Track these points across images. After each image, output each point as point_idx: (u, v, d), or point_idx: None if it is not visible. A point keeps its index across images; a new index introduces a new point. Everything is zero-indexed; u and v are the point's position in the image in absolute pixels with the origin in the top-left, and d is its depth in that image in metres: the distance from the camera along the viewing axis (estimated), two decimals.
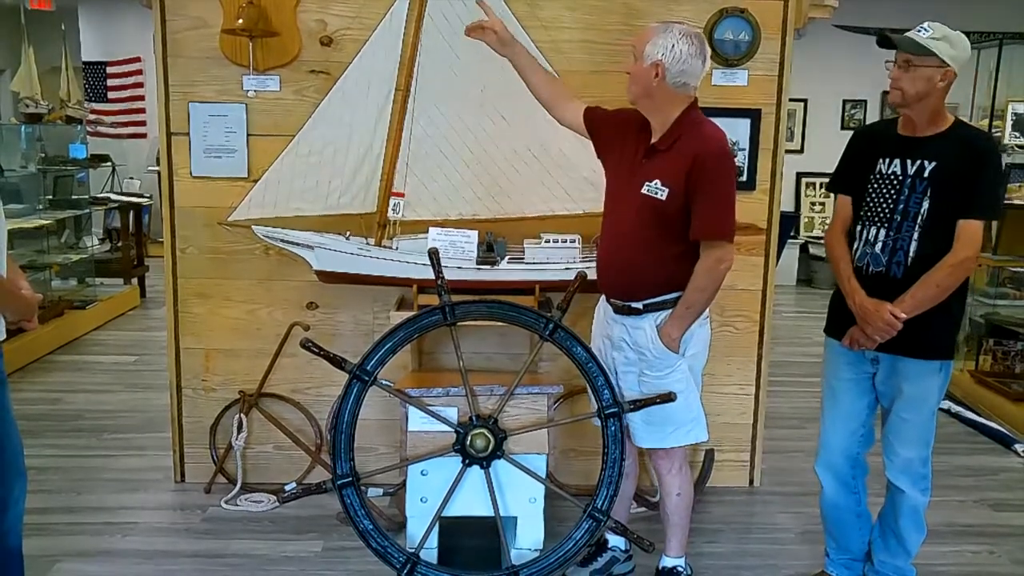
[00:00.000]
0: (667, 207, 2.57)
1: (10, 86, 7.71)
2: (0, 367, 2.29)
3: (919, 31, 2.52)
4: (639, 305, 2.68)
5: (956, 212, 2.50)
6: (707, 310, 2.72)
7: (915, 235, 2.56)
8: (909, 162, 2.59)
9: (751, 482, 3.82)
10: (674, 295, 2.64)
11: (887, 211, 2.61)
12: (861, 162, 2.72)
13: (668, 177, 2.56)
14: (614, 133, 2.78)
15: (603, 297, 2.85)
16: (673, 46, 2.53)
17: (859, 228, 2.70)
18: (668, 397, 2.65)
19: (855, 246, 2.70)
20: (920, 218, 2.55)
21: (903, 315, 2.53)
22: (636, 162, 2.66)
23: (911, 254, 2.56)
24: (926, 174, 2.55)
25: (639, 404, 2.68)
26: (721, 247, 2.58)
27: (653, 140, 2.64)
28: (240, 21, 3.21)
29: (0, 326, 2.28)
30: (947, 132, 2.57)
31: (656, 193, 2.57)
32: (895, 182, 2.61)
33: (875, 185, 2.66)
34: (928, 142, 2.57)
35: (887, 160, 2.64)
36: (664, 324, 2.66)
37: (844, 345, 2.73)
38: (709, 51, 2.62)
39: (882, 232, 2.62)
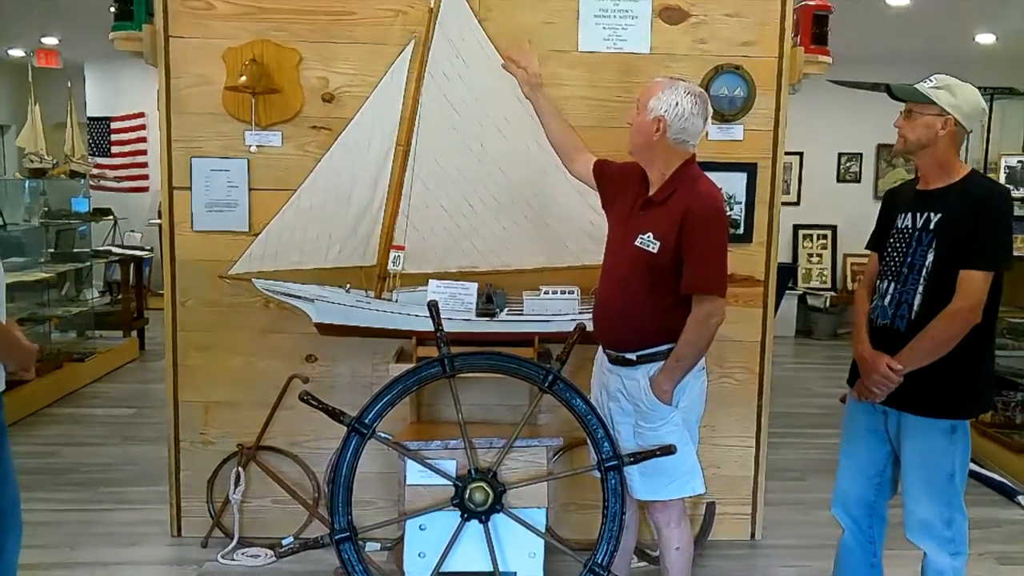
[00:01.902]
0: (659, 260, 2.59)
1: (16, 142, 7.80)
2: (1, 417, 2.29)
3: (925, 81, 2.56)
4: (632, 356, 2.69)
5: (959, 263, 2.48)
6: (703, 362, 2.73)
7: (920, 288, 2.54)
8: (919, 215, 2.59)
9: (752, 535, 3.78)
10: (667, 347, 2.64)
11: (897, 265, 2.62)
12: (885, 219, 2.76)
13: (660, 230, 2.59)
14: (618, 185, 2.83)
15: (601, 347, 2.86)
16: (677, 103, 2.58)
17: (877, 282, 2.72)
18: (668, 449, 2.65)
19: (873, 299, 2.72)
20: (925, 271, 2.53)
21: (899, 366, 2.52)
22: (633, 213, 2.70)
23: (915, 307, 2.54)
24: (932, 226, 2.54)
25: (639, 457, 2.67)
26: (711, 301, 2.59)
27: (650, 192, 2.68)
28: (243, 78, 3.27)
29: (0, 376, 2.29)
30: (957, 183, 2.55)
31: (648, 246, 2.60)
32: (906, 236, 2.61)
33: (892, 240, 2.68)
34: (938, 194, 2.56)
35: (903, 215, 2.65)
36: (655, 376, 2.66)
37: (853, 396, 2.73)
38: (711, 111, 2.68)
39: (892, 285, 2.63)
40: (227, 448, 3.60)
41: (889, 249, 2.68)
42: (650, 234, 2.61)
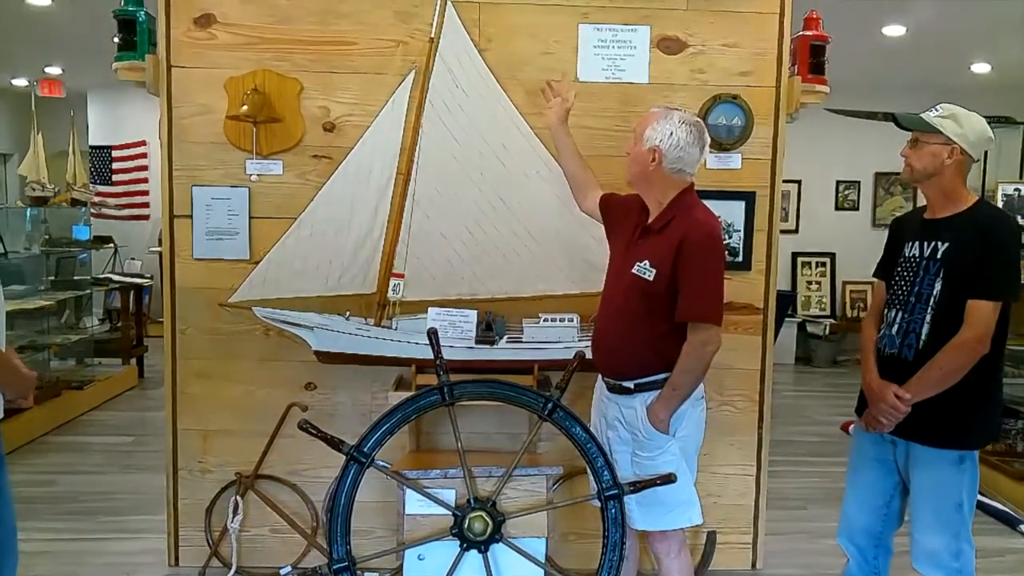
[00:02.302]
0: (655, 287, 2.60)
1: (18, 170, 7.83)
2: None
3: (931, 110, 2.57)
4: (630, 384, 2.69)
5: (967, 293, 2.46)
6: (701, 390, 2.73)
7: (927, 317, 2.53)
8: (926, 244, 2.59)
9: (753, 564, 3.75)
10: (664, 376, 2.64)
11: (904, 294, 2.61)
12: (892, 247, 2.76)
13: (657, 258, 2.60)
14: (619, 215, 2.86)
15: (600, 375, 2.86)
16: (672, 133, 2.60)
17: (885, 311, 2.71)
18: (669, 478, 2.63)
19: (880, 328, 2.72)
20: (932, 300, 2.52)
21: (907, 396, 2.51)
22: (632, 241, 2.72)
23: (923, 337, 2.54)
24: (939, 255, 2.53)
25: (639, 486, 2.66)
26: (706, 329, 2.59)
27: (649, 220, 2.69)
28: (244, 108, 3.29)
29: None
30: (964, 212, 2.54)
31: (644, 273, 2.61)
32: (914, 265, 2.61)
33: (899, 269, 2.67)
34: (945, 223, 2.56)
35: (910, 243, 2.65)
36: (651, 405, 2.65)
37: (860, 427, 2.72)
38: (708, 140, 2.70)
39: (899, 315, 2.62)
40: (225, 477, 3.58)
41: (897, 278, 2.67)
42: (647, 262, 2.62)
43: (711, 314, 2.60)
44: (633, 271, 2.64)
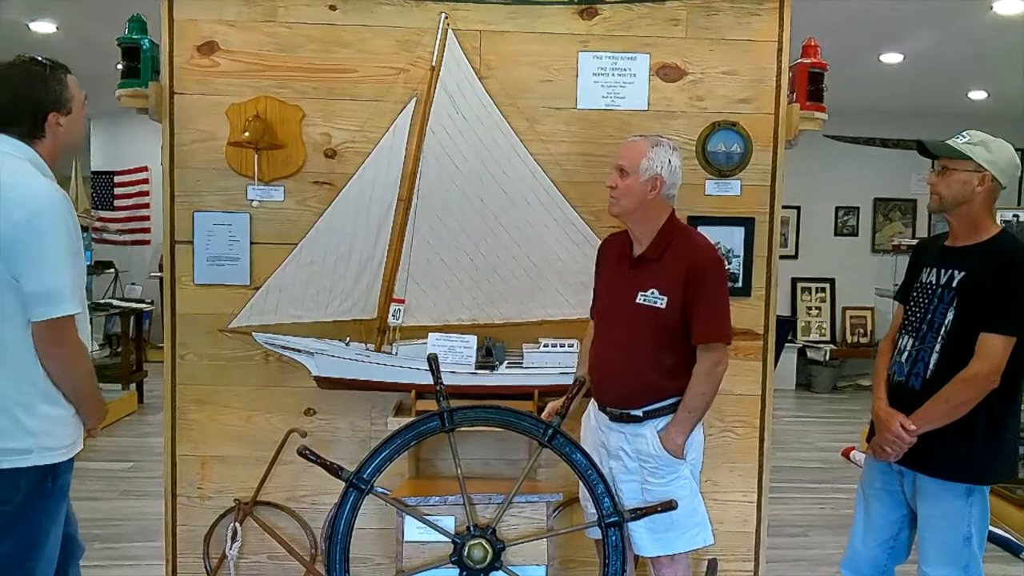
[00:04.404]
0: (666, 315, 2.62)
1: None
2: (68, 479, 2.31)
3: (958, 137, 2.55)
4: (638, 412, 2.69)
5: (980, 325, 2.43)
6: None
7: (937, 347, 2.51)
8: (943, 271, 2.57)
9: None
10: (672, 400, 2.66)
11: (917, 321, 2.60)
12: (911, 272, 2.75)
13: (664, 285, 2.62)
14: (599, 274, 2.95)
15: (593, 405, 2.86)
16: (670, 160, 2.68)
17: (898, 336, 2.70)
18: (669, 505, 2.63)
19: (893, 354, 2.70)
20: (944, 329, 2.50)
21: (912, 427, 2.49)
22: (622, 275, 2.74)
23: (931, 366, 2.52)
24: (954, 284, 2.51)
25: (640, 513, 2.65)
26: (718, 350, 2.63)
27: (639, 251, 2.72)
28: (246, 134, 3.31)
29: (80, 434, 2.33)
30: (986, 242, 2.52)
31: (655, 302, 2.63)
32: (928, 292, 2.59)
33: (915, 295, 2.66)
34: (964, 251, 2.54)
35: (928, 269, 2.64)
36: (666, 430, 2.66)
37: (868, 454, 2.71)
38: None
39: (910, 342, 2.60)
40: (224, 504, 3.56)
41: (911, 304, 2.66)
42: (653, 290, 2.64)
43: (724, 335, 2.66)
44: (638, 301, 2.66)
